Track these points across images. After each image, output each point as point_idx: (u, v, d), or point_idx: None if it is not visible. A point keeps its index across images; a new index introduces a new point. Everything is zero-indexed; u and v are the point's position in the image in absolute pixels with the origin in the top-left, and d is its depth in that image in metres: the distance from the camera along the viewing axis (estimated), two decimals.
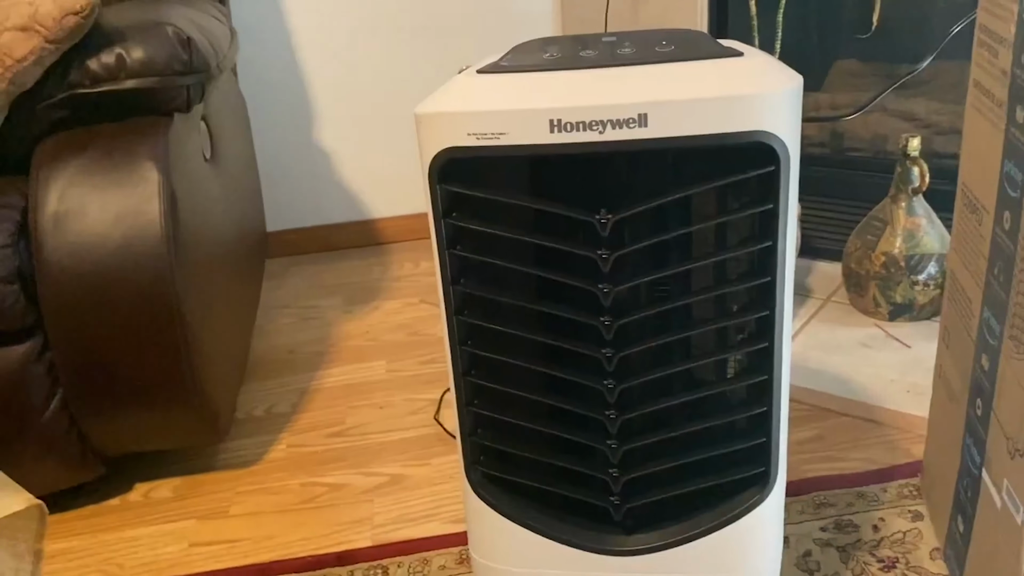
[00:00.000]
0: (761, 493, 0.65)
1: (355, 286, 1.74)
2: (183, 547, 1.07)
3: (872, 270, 1.37)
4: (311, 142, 1.85)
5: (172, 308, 1.03)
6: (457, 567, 0.99)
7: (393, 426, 1.27)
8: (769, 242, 0.57)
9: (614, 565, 0.68)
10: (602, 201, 0.58)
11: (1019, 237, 0.70)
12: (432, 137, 0.57)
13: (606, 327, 0.60)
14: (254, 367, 1.46)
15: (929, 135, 1.49)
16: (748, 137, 0.53)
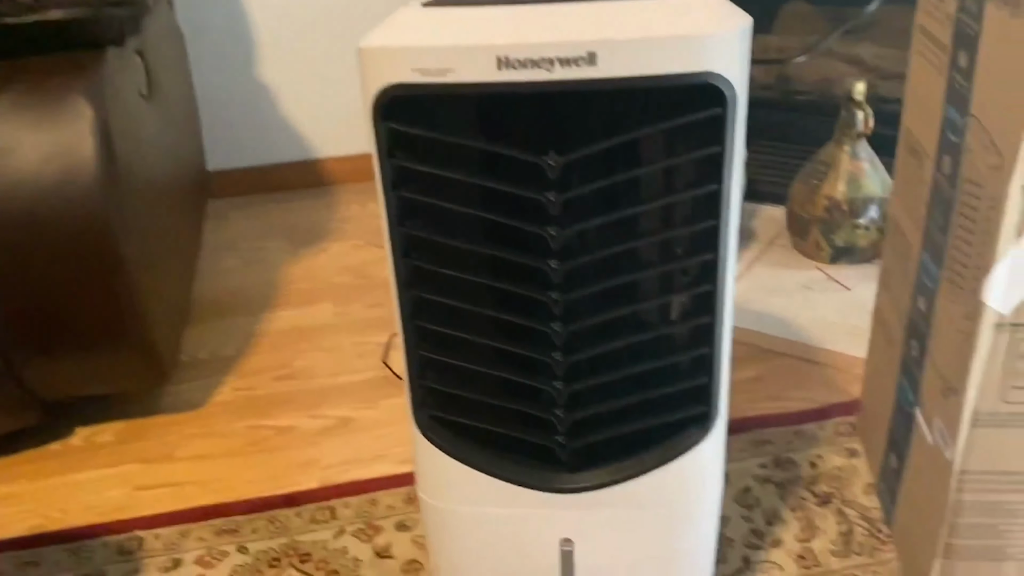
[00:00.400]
0: (703, 432, 0.66)
1: (301, 227, 1.71)
2: (127, 491, 1.06)
3: (815, 214, 1.39)
4: (254, 78, 1.79)
5: (109, 248, 1.00)
6: (405, 507, 1.00)
7: (341, 369, 1.26)
8: (715, 186, 0.57)
9: (560, 502, 0.69)
10: (551, 143, 0.58)
11: (958, 181, 0.71)
12: (375, 73, 0.56)
13: (554, 271, 0.60)
14: (198, 310, 1.43)
15: (875, 79, 1.50)
16: (696, 78, 0.53)
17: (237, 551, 0.96)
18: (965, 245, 0.69)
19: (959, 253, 0.71)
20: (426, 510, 0.75)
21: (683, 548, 0.72)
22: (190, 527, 1.00)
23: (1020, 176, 0.61)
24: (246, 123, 1.82)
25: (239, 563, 0.94)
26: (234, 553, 0.96)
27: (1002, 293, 0.65)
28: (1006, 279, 0.65)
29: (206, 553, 0.96)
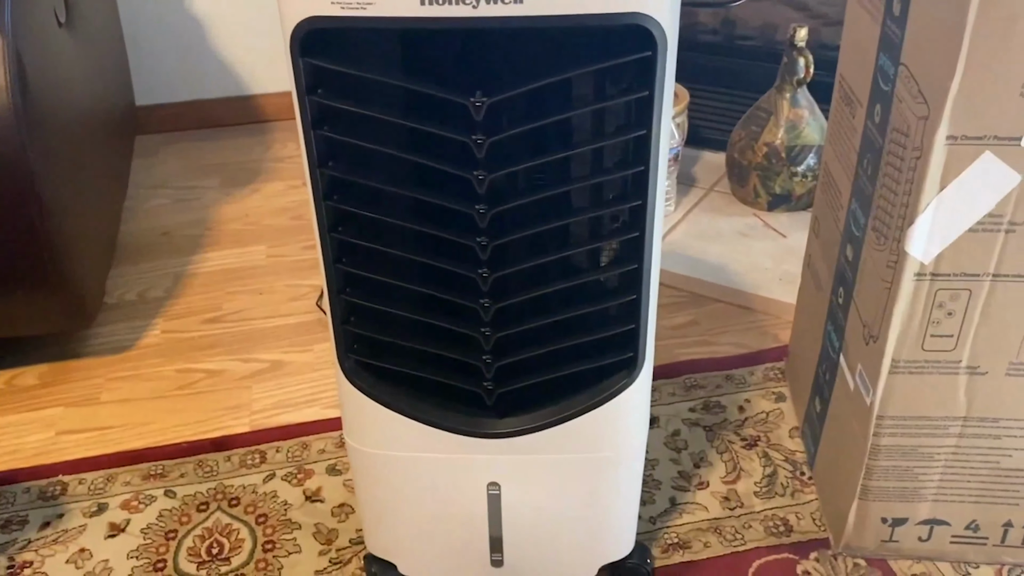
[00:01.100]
0: (629, 377, 0.66)
1: (234, 166, 1.66)
2: (50, 435, 1.04)
3: (754, 161, 1.40)
4: (183, 8, 1.72)
5: (24, 184, 0.96)
6: (337, 451, 0.99)
7: (273, 312, 1.24)
8: (643, 130, 0.56)
9: (487, 447, 0.69)
10: (478, 84, 0.56)
11: (888, 130, 0.71)
12: (293, 5, 0.53)
13: (480, 215, 0.59)
14: (126, 250, 1.39)
15: (818, 26, 1.50)
16: (624, 19, 0.51)
17: (164, 495, 0.95)
18: (890, 194, 0.70)
19: (885, 202, 0.71)
20: (353, 455, 0.74)
21: (608, 491, 0.73)
22: (116, 471, 0.98)
23: (945, 127, 0.61)
24: (177, 56, 1.75)
25: (166, 507, 0.93)
26: (161, 497, 0.94)
27: (923, 243, 0.66)
28: (928, 229, 0.65)
29: (132, 497, 0.94)
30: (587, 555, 0.77)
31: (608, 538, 0.77)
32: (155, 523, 0.91)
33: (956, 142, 0.62)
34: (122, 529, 0.91)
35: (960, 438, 0.76)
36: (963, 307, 0.69)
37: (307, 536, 0.89)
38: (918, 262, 0.67)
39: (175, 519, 0.91)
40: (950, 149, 0.62)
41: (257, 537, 0.89)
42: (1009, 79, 0.59)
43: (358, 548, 0.87)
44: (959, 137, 0.61)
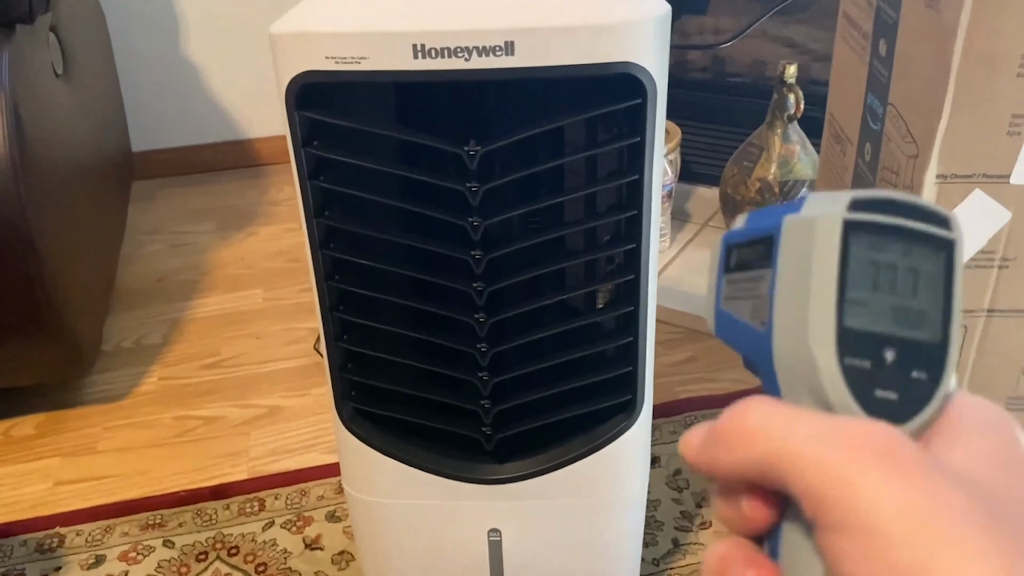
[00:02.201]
0: (628, 419, 0.66)
1: (229, 210, 1.67)
2: (47, 486, 1.03)
3: (748, 195, 1.41)
4: (178, 55, 1.74)
5: (22, 234, 0.96)
6: (336, 496, 0.98)
7: (271, 356, 1.24)
8: (636, 175, 0.57)
9: (487, 493, 0.69)
10: (471, 132, 0.56)
11: (878, 169, 0.72)
12: (288, 59, 0.54)
13: (476, 261, 0.59)
14: (122, 297, 1.39)
15: (807, 62, 1.52)
16: (614, 69, 0.52)
17: (163, 545, 0.94)
18: None
19: None
20: (352, 503, 0.74)
21: (610, 534, 0.73)
22: (114, 522, 0.97)
23: (935, 166, 0.62)
24: (172, 102, 1.76)
25: (165, 557, 0.92)
26: (160, 548, 0.93)
27: None
28: None
29: (131, 548, 0.93)
30: None
31: None
32: (154, 574, 0.90)
33: (946, 180, 0.62)
34: None
35: None
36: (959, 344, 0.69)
37: None
38: None
39: (174, 570, 0.90)
40: (940, 187, 0.63)
41: None
42: (995, 118, 0.60)
43: None
44: (948, 176, 0.62)
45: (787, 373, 0.28)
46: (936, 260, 0.27)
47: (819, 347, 0.27)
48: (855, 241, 0.27)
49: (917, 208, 0.27)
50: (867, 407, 0.27)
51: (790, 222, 0.28)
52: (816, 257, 0.27)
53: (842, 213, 0.27)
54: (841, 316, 0.27)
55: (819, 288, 0.27)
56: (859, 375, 0.27)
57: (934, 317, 0.27)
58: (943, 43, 0.59)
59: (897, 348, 0.27)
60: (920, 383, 0.27)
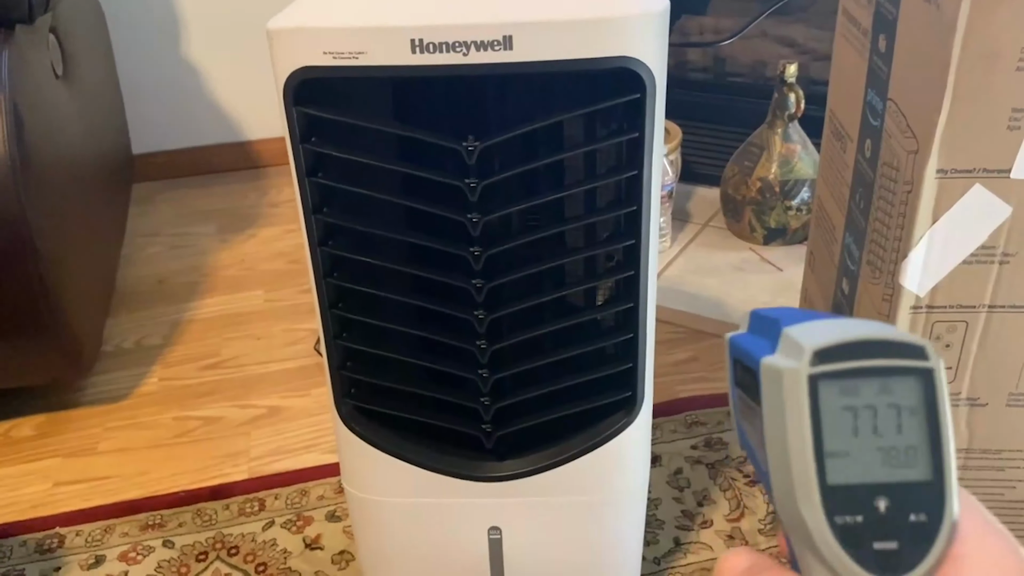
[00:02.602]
0: (628, 416, 0.66)
1: (230, 212, 1.67)
2: (47, 487, 1.03)
3: (748, 195, 1.40)
4: (179, 57, 1.74)
5: (22, 236, 0.96)
6: (336, 496, 0.98)
7: (271, 357, 1.24)
8: (635, 171, 0.57)
9: (487, 491, 0.68)
10: (470, 128, 0.56)
11: (879, 165, 0.72)
12: (285, 55, 0.54)
13: (475, 257, 0.59)
14: (122, 298, 1.39)
15: (807, 61, 1.51)
16: (613, 63, 0.52)
17: (163, 545, 0.93)
18: (883, 228, 0.70)
19: (878, 236, 0.71)
20: (352, 501, 0.73)
21: (611, 532, 0.72)
22: (114, 522, 0.97)
23: (935, 161, 0.62)
24: (172, 104, 1.77)
25: (165, 558, 0.92)
26: (160, 548, 0.93)
27: (918, 276, 0.66)
28: (922, 262, 0.65)
29: (130, 549, 0.93)
30: None
31: None
32: (154, 574, 0.90)
33: (946, 175, 0.62)
34: None
35: (963, 470, 0.75)
36: (960, 339, 0.69)
37: None
38: (913, 295, 0.67)
39: (174, 570, 0.90)
40: (940, 183, 0.62)
41: None
42: (995, 112, 0.59)
43: None
44: (949, 171, 0.62)
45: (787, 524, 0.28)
46: (916, 392, 0.26)
47: (807, 509, 0.26)
48: (825, 392, 0.26)
49: (887, 344, 0.26)
50: (866, 563, 0.26)
51: (765, 368, 0.27)
52: (788, 415, 0.26)
53: (805, 368, 0.26)
54: (823, 474, 0.26)
55: (796, 447, 0.26)
56: (853, 531, 0.26)
57: (924, 451, 0.26)
58: (943, 37, 0.59)
59: (890, 495, 0.26)
60: (920, 526, 0.26)
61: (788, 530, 0.28)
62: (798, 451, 0.26)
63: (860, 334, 0.26)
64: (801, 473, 0.26)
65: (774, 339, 0.28)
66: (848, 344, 0.26)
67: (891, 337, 0.26)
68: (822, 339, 0.26)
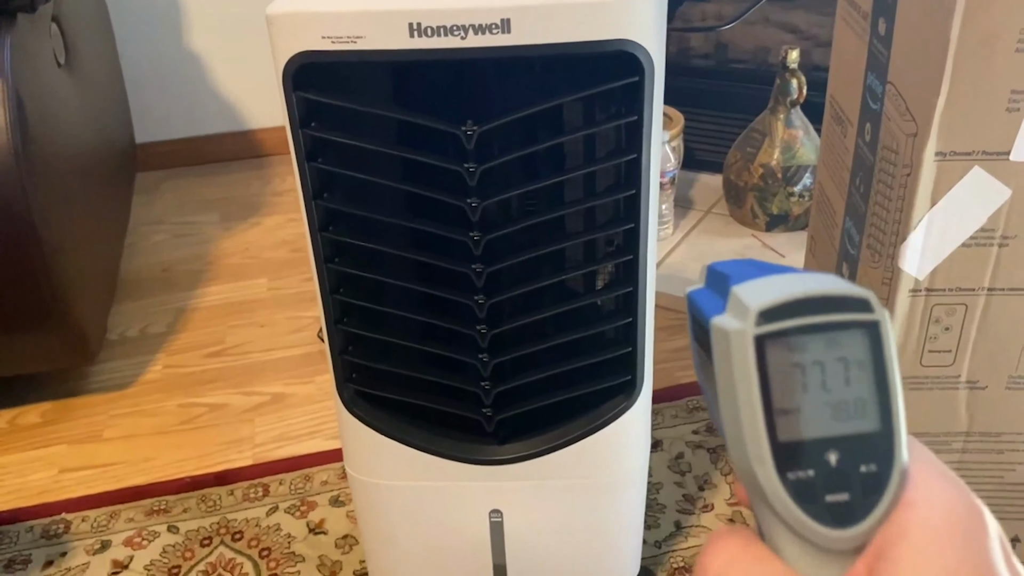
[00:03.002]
0: (628, 400, 0.66)
1: (233, 201, 1.67)
2: (53, 473, 1.04)
3: (751, 182, 1.40)
4: (182, 46, 1.74)
5: (25, 224, 0.96)
6: (339, 482, 0.99)
7: (275, 344, 1.24)
8: (634, 154, 0.57)
9: (488, 474, 0.69)
10: (469, 112, 0.56)
11: (878, 149, 0.72)
12: (284, 40, 0.54)
13: (475, 242, 0.59)
14: (127, 287, 1.40)
15: (809, 47, 1.51)
16: (611, 46, 0.52)
17: (167, 531, 0.94)
18: (883, 212, 0.70)
19: (878, 220, 0.71)
20: (355, 485, 0.74)
21: (612, 515, 0.73)
22: (119, 508, 0.98)
23: (934, 143, 0.62)
24: (175, 93, 1.77)
25: (169, 543, 0.93)
26: (164, 533, 0.94)
27: (917, 259, 0.66)
28: (921, 245, 0.66)
29: (135, 534, 0.94)
30: None
31: (613, 563, 0.77)
32: (158, 559, 0.91)
33: (945, 158, 0.62)
34: (125, 566, 0.90)
35: (963, 454, 0.75)
36: (960, 322, 0.69)
37: (311, 569, 0.88)
38: (912, 278, 0.67)
39: (179, 555, 0.91)
40: (939, 165, 0.62)
41: (261, 571, 0.89)
42: (994, 95, 0.59)
43: None
44: (948, 153, 0.62)
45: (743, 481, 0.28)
46: (863, 345, 0.27)
47: (759, 467, 0.26)
48: (772, 351, 0.26)
49: (832, 299, 0.26)
50: (819, 516, 0.26)
51: (714, 329, 0.27)
52: (737, 375, 0.26)
53: (751, 329, 0.26)
54: (773, 432, 0.26)
55: (746, 407, 0.26)
56: (804, 486, 0.26)
57: (873, 403, 0.27)
58: (942, 20, 0.59)
59: (840, 448, 0.26)
60: (871, 476, 0.26)
61: (746, 488, 0.28)
62: (748, 411, 0.26)
63: (805, 291, 0.26)
64: (752, 432, 0.26)
65: (725, 295, 0.28)
66: (792, 302, 0.26)
67: (835, 292, 0.27)
68: (767, 299, 0.26)
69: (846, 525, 0.26)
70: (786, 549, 0.27)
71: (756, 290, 0.27)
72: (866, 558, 0.26)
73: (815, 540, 0.26)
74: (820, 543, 0.26)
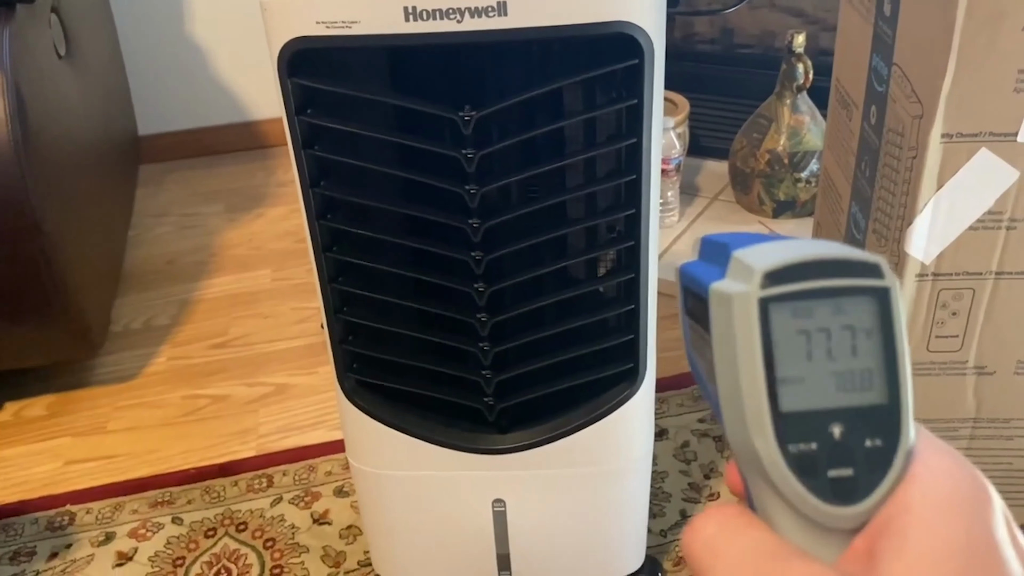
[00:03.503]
0: (631, 388, 0.65)
1: (237, 192, 1.67)
2: (57, 465, 1.04)
3: (757, 168, 1.39)
4: (184, 37, 1.73)
5: (26, 216, 0.96)
6: (343, 472, 0.99)
7: (279, 335, 1.24)
8: (634, 139, 0.56)
9: (490, 463, 0.68)
10: (466, 98, 0.56)
11: (884, 131, 0.71)
12: (279, 26, 0.53)
13: (474, 229, 0.59)
14: (131, 279, 1.40)
15: (815, 31, 1.49)
16: (609, 28, 0.51)
17: (172, 522, 0.94)
18: (889, 195, 0.69)
19: (884, 203, 0.70)
20: (357, 475, 0.74)
21: (615, 504, 0.72)
22: (123, 500, 0.98)
23: (940, 125, 0.61)
24: (178, 84, 1.76)
25: (174, 534, 0.93)
26: (169, 524, 0.94)
27: (923, 243, 0.65)
28: (927, 229, 0.65)
29: (140, 526, 0.94)
30: (597, 570, 0.76)
31: (617, 552, 0.76)
32: (163, 551, 0.91)
33: (951, 140, 0.61)
34: (130, 558, 0.90)
35: (971, 440, 0.75)
36: (967, 307, 0.68)
37: (315, 559, 0.88)
38: (919, 262, 0.66)
39: (183, 546, 0.91)
40: (946, 147, 0.61)
41: (265, 562, 0.88)
42: (1001, 75, 0.58)
43: (367, 570, 0.86)
44: (954, 135, 0.61)
45: (739, 456, 0.27)
46: (871, 312, 0.25)
47: (759, 438, 0.25)
48: (776, 315, 0.25)
49: (840, 263, 0.25)
50: (821, 492, 0.25)
51: (714, 294, 0.26)
52: (739, 341, 0.25)
53: (756, 291, 0.25)
54: (775, 402, 0.25)
55: (747, 374, 0.25)
56: (806, 459, 0.25)
57: (880, 374, 0.25)
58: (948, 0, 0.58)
59: (844, 420, 0.25)
60: (876, 451, 0.25)
61: (741, 463, 0.27)
62: (749, 378, 0.25)
63: (812, 254, 0.25)
64: (752, 401, 0.25)
65: (724, 264, 0.27)
66: (800, 264, 0.25)
67: (845, 256, 0.25)
68: (773, 260, 0.25)
69: (848, 502, 0.25)
70: (783, 526, 0.26)
71: (761, 253, 0.26)
72: (866, 535, 0.25)
73: (815, 517, 0.25)
74: (820, 520, 0.25)
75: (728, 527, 0.26)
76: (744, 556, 0.25)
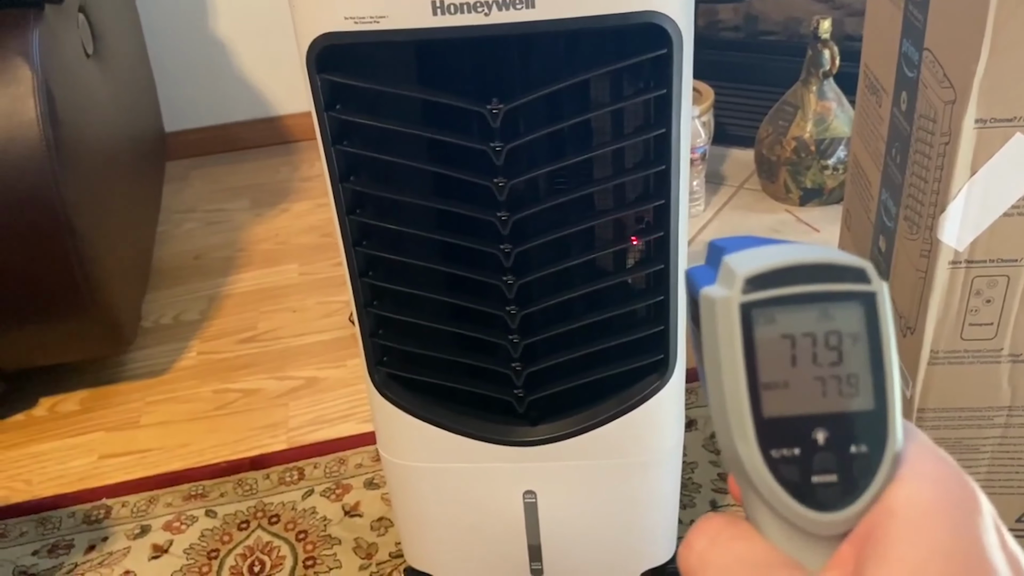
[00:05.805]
0: (661, 379, 0.65)
1: (263, 187, 1.68)
2: (92, 460, 1.05)
3: (783, 156, 1.38)
4: (208, 33, 1.75)
5: (57, 213, 0.97)
6: (374, 464, 0.99)
7: (307, 329, 1.25)
8: (663, 129, 0.56)
9: (521, 455, 0.69)
10: (494, 91, 0.56)
11: (915, 117, 0.70)
12: (308, 22, 0.53)
13: (502, 222, 0.59)
14: (159, 274, 1.41)
15: (841, 17, 1.48)
16: (637, 18, 0.51)
17: (205, 515, 0.95)
18: (921, 182, 0.68)
19: (915, 191, 0.70)
20: (388, 468, 0.74)
21: (646, 496, 0.72)
22: (157, 493, 0.99)
23: (973, 110, 0.60)
24: (203, 81, 1.77)
25: (208, 527, 0.94)
26: (202, 517, 0.95)
27: (956, 230, 0.65)
28: (960, 216, 0.64)
29: (174, 518, 0.95)
30: (628, 561, 0.77)
31: (648, 543, 0.76)
32: (197, 543, 0.92)
33: (985, 125, 0.60)
34: (165, 550, 0.92)
35: (1006, 428, 0.74)
36: (1001, 294, 0.67)
37: (347, 551, 0.89)
38: (952, 250, 0.66)
39: (217, 538, 0.92)
40: (979, 133, 0.61)
41: (298, 554, 0.89)
42: None
43: (398, 562, 0.87)
44: (988, 120, 0.60)
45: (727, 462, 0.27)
46: (858, 318, 0.25)
47: (741, 443, 0.25)
48: (759, 321, 0.25)
49: (826, 268, 0.25)
50: (804, 498, 0.25)
51: (703, 298, 0.26)
52: (721, 346, 0.25)
53: (737, 296, 0.25)
54: (758, 407, 0.25)
55: (729, 379, 0.25)
56: (789, 465, 0.25)
57: (866, 379, 0.25)
58: None
59: (829, 426, 0.25)
60: (862, 457, 0.25)
61: (729, 469, 0.27)
62: (732, 383, 0.25)
63: (796, 258, 0.25)
64: (735, 406, 0.25)
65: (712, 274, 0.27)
66: (783, 269, 0.25)
67: (830, 260, 0.25)
68: (755, 265, 0.25)
69: (832, 509, 0.25)
70: (770, 533, 0.26)
71: (746, 258, 0.25)
72: (852, 541, 0.25)
73: (799, 523, 0.25)
74: (804, 526, 0.25)
75: (718, 540, 0.26)
76: (730, 568, 0.25)
